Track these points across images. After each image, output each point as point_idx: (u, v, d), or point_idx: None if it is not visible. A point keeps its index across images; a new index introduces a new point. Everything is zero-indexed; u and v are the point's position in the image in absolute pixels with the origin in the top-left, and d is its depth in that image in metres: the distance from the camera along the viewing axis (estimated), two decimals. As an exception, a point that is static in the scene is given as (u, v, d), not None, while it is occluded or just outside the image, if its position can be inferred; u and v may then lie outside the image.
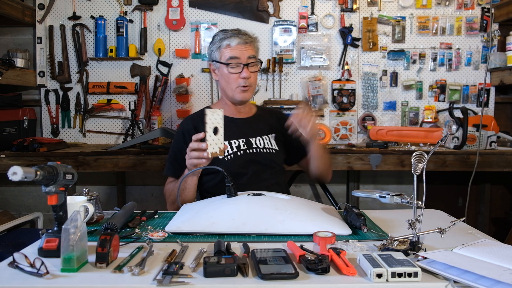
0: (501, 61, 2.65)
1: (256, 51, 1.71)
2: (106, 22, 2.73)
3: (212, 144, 1.38)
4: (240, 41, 1.65)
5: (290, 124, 1.55)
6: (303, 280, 0.90)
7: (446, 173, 2.72)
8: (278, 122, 1.81)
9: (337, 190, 2.92)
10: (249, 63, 1.67)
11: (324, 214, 1.28)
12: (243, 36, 1.66)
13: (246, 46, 1.66)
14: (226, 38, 1.66)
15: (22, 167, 0.93)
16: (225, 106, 1.75)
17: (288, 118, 1.57)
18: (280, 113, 1.95)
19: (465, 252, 0.99)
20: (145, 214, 1.40)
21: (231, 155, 1.67)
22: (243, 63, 1.66)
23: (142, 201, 2.93)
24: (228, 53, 1.66)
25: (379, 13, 2.73)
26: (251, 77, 1.68)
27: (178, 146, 1.75)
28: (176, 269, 0.92)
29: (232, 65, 1.66)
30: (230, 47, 1.65)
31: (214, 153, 1.39)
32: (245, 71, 1.66)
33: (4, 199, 2.93)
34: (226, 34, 1.68)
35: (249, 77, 1.66)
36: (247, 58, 1.66)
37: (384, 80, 2.77)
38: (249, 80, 1.67)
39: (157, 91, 2.77)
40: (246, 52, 1.66)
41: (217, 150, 1.39)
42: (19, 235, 2.30)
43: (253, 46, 1.70)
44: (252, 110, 1.85)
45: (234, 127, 1.70)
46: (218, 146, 1.39)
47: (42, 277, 0.91)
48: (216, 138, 1.39)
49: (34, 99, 2.83)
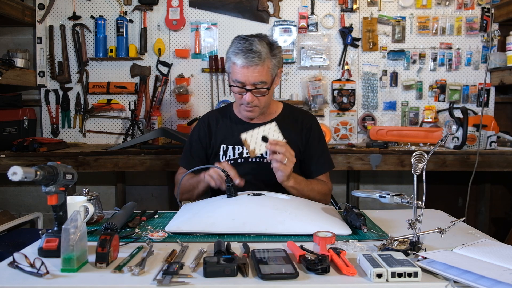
0: (501, 61, 2.65)
1: (268, 72, 1.51)
2: (106, 22, 2.73)
3: (252, 142, 1.46)
4: (245, 63, 1.47)
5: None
6: (303, 280, 0.90)
7: (446, 173, 2.72)
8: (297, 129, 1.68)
9: (337, 190, 2.92)
10: (253, 89, 1.51)
11: (324, 214, 1.28)
12: (250, 57, 1.47)
13: (252, 69, 1.48)
14: (234, 54, 1.50)
15: (22, 167, 0.92)
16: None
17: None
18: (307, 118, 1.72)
19: (465, 252, 0.99)
20: (145, 214, 1.40)
21: (231, 161, 1.63)
22: (247, 88, 1.51)
23: (142, 201, 2.93)
24: (234, 73, 1.52)
25: (379, 13, 2.73)
26: (256, 100, 1.54)
27: (194, 137, 1.73)
28: (176, 269, 0.92)
29: (236, 86, 1.54)
30: (236, 67, 1.50)
31: (251, 151, 1.46)
32: (248, 96, 1.52)
33: (4, 199, 2.93)
34: (237, 48, 1.50)
35: (252, 101, 1.53)
36: (251, 84, 1.50)
37: (384, 80, 2.77)
38: (254, 103, 1.54)
39: (157, 91, 2.77)
40: (251, 76, 1.49)
41: (252, 148, 1.45)
42: (19, 235, 2.30)
43: (265, 67, 1.50)
44: (275, 113, 1.70)
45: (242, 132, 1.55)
46: (255, 147, 1.45)
47: (42, 277, 0.91)
48: (260, 142, 1.46)
49: (34, 99, 2.84)
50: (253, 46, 1.48)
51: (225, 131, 1.68)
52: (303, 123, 1.70)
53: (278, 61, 1.56)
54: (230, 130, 1.67)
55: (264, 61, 1.49)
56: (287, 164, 1.42)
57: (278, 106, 1.73)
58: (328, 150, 1.74)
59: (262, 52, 1.49)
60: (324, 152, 1.70)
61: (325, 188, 1.64)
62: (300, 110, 1.83)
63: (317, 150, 1.67)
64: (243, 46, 1.49)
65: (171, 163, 2.42)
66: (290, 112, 1.73)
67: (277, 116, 1.70)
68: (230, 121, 1.70)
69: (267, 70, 1.51)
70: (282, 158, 1.40)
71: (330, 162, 1.72)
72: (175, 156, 2.41)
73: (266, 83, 1.52)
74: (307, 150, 1.67)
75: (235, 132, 1.63)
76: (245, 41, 1.50)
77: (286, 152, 1.41)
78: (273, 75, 1.55)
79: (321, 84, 2.73)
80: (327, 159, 1.71)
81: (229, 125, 1.69)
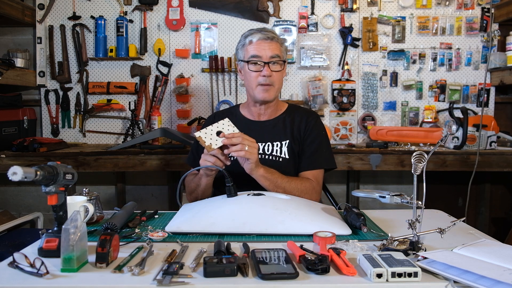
0: (501, 61, 2.65)
1: (281, 50, 1.62)
2: (106, 22, 2.73)
3: (207, 139, 1.43)
4: (261, 37, 1.59)
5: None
6: (303, 280, 0.90)
7: (446, 173, 2.72)
8: (300, 126, 1.70)
9: (337, 190, 2.92)
10: (270, 62, 1.59)
11: (324, 214, 1.28)
12: (265, 32, 1.60)
13: (268, 42, 1.59)
14: (249, 35, 1.62)
15: (22, 167, 0.92)
16: (248, 108, 1.72)
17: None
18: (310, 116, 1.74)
19: (465, 252, 0.99)
20: (145, 214, 1.40)
21: (232, 158, 1.64)
22: (264, 61, 1.58)
23: (142, 201, 2.93)
24: (251, 50, 1.60)
25: (379, 13, 2.73)
26: (273, 75, 1.60)
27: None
28: (176, 269, 0.92)
29: (253, 63, 1.60)
30: (253, 44, 1.60)
31: (208, 146, 1.42)
32: (266, 69, 1.58)
33: (4, 199, 2.93)
34: (250, 32, 1.63)
35: (269, 75, 1.59)
36: (269, 57, 1.58)
37: (384, 80, 2.77)
38: (270, 79, 1.59)
39: (157, 91, 2.77)
40: (268, 50, 1.58)
41: (208, 144, 1.43)
42: (19, 235, 2.30)
43: (278, 43, 1.62)
44: (279, 111, 1.73)
45: (246, 130, 1.59)
46: (211, 143, 1.43)
47: (42, 277, 0.91)
48: (215, 137, 1.43)
49: (34, 99, 2.84)
50: (265, 28, 1.67)
51: None
52: (307, 121, 1.70)
53: (285, 49, 1.68)
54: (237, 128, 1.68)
55: (278, 39, 1.63)
56: (250, 151, 1.41)
57: (284, 105, 1.77)
58: (327, 149, 1.70)
59: (275, 32, 1.65)
60: (318, 150, 1.66)
61: (307, 185, 1.58)
62: (305, 109, 1.86)
63: (310, 147, 1.65)
64: (256, 29, 1.65)
65: (171, 163, 2.42)
66: (295, 110, 1.76)
67: (282, 113, 1.73)
68: (237, 120, 1.69)
69: (280, 48, 1.63)
70: (241, 147, 1.40)
71: (323, 162, 1.67)
72: (175, 156, 2.41)
73: (280, 58, 1.61)
74: (302, 146, 1.67)
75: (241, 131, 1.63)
76: (257, 28, 1.67)
77: (244, 140, 1.41)
78: (284, 57, 1.65)
79: (321, 84, 2.73)
80: (320, 158, 1.66)
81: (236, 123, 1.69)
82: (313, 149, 1.66)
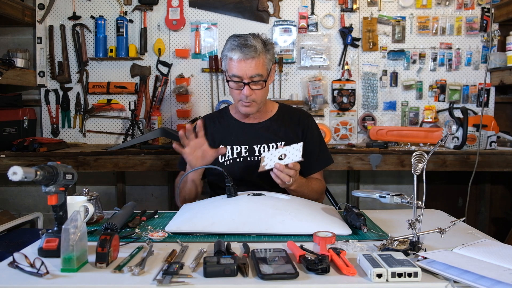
0: (501, 61, 2.65)
1: (264, 64, 1.56)
2: (106, 22, 2.73)
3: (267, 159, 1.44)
4: (241, 57, 1.52)
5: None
6: (303, 280, 0.90)
7: (446, 173, 2.72)
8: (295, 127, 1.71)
9: (337, 190, 2.92)
10: (250, 82, 1.55)
11: (324, 214, 1.28)
12: (246, 50, 1.51)
13: (249, 62, 1.52)
14: (230, 50, 1.55)
15: (22, 167, 0.93)
16: (237, 109, 1.70)
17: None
18: (304, 116, 1.76)
19: (465, 252, 0.99)
20: (145, 214, 1.40)
21: (230, 161, 1.64)
22: (244, 81, 1.54)
23: (142, 201, 2.93)
24: (232, 68, 1.55)
25: (379, 13, 2.73)
26: (254, 94, 1.57)
27: None
28: (176, 269, 0.92)
29: (234, 81, 1.57)
30: (233, 61, 1.54)
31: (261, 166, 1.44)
32: (246, 89, 1.55)
33: (4, 199, 2.93)
34: (232, 45, 1.55)
35: (250, 95, 1.56)
36: (249, 77, 1.54)
37: (384, 80, 2.76)
38: (251, 97, 1.57)
39: (157, 91, 2.77)
40: (249, 69, 1.53)
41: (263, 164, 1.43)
42: (19, 235, 2.30)
43: (260, 59, 1.54)
44: (271, 112, 1.73)
45: (240, 132, 1.65)
46: (267, 163, 1.43)
47: (42, 277, 0.91)
48: (274, 160, 1.41)
49: (34, 99, 2.83)
50: (248, 41, 1.54)
51: (222, 132, 1.71)
52: (300, 120, 1.73)
53: (272, 56, 1.61)
54: (228, 130, 1.70)
55: (259, 55, 1.54)
56: (292, 181, 1.42)
57: (274, 105, 1.77)
58: (325, 147, 1.77)
59: (257, 47, 1.54)
60: (321, 149, 1.73)
61: (321, 186, 1.69)
62: (296, 108, 1.87)
63: (315, 147, 1.70)
64: (238, 42, 1.54)
65: (171, 163, 2.42)
66: (287, 110, 1.77)
67: (274, 115, 1.73)
68: (228, 122, 1.73)
69: (263, 64, 1.56)
70: (287, 180, 1.40)
71: (328, 158, 1.75)
72: (175, 156, 2.41)
73: (262, 76, 1.56)
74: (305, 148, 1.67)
75: (233, 132, 1.69)
76: (239, 38, 1.56)
77: (294, 175, 1.41)
78: (268, 69, 1.59)
79: (321, 84, 2.73)
80: (324, 156, 1.74)
81: (227, 126, 1.72)
82: (317, 150, 1.70)
